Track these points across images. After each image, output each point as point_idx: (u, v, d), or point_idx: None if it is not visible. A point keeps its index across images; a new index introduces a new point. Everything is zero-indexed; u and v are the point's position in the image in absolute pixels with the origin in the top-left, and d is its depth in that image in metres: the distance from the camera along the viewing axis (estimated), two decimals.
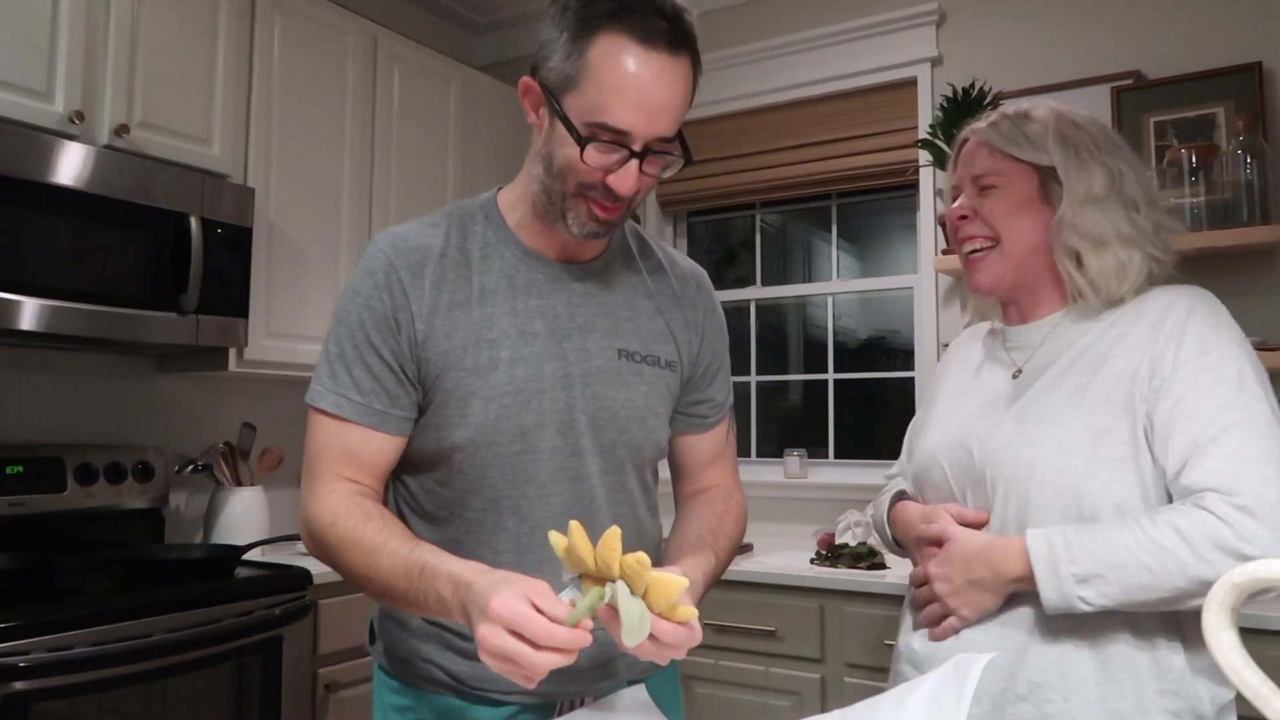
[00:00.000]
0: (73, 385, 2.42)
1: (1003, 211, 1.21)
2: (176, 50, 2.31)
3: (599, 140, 1.01)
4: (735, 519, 1.25)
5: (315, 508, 1.09)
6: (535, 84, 1.07)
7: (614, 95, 1.00)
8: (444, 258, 1.12)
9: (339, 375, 1.10)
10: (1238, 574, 0.56)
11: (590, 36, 1.01)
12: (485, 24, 3.69)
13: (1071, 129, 1.21)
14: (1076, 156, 1.19)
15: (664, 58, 1.01)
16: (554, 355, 1.12)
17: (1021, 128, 1.22)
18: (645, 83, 1.00)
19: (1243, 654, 0.57)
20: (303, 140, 2.61)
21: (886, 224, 3.23)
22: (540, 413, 1.11)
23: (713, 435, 1.30)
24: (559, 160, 1.05)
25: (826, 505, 2.93)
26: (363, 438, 1.10)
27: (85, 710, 1.79)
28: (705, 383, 1.28)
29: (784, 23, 3.16)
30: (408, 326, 1.09)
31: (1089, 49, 2.68)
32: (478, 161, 3.17)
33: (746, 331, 3.32)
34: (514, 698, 1.15)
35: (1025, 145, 1.21)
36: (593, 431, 1.14)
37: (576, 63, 1.01)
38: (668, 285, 1.26)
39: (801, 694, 2.34)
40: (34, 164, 1.96)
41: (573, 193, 1.06)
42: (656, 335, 1.21)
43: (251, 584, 2.11)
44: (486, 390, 1.09)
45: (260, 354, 2.47)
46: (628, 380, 1.17)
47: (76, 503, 2.26)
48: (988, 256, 1.23)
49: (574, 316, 1.15)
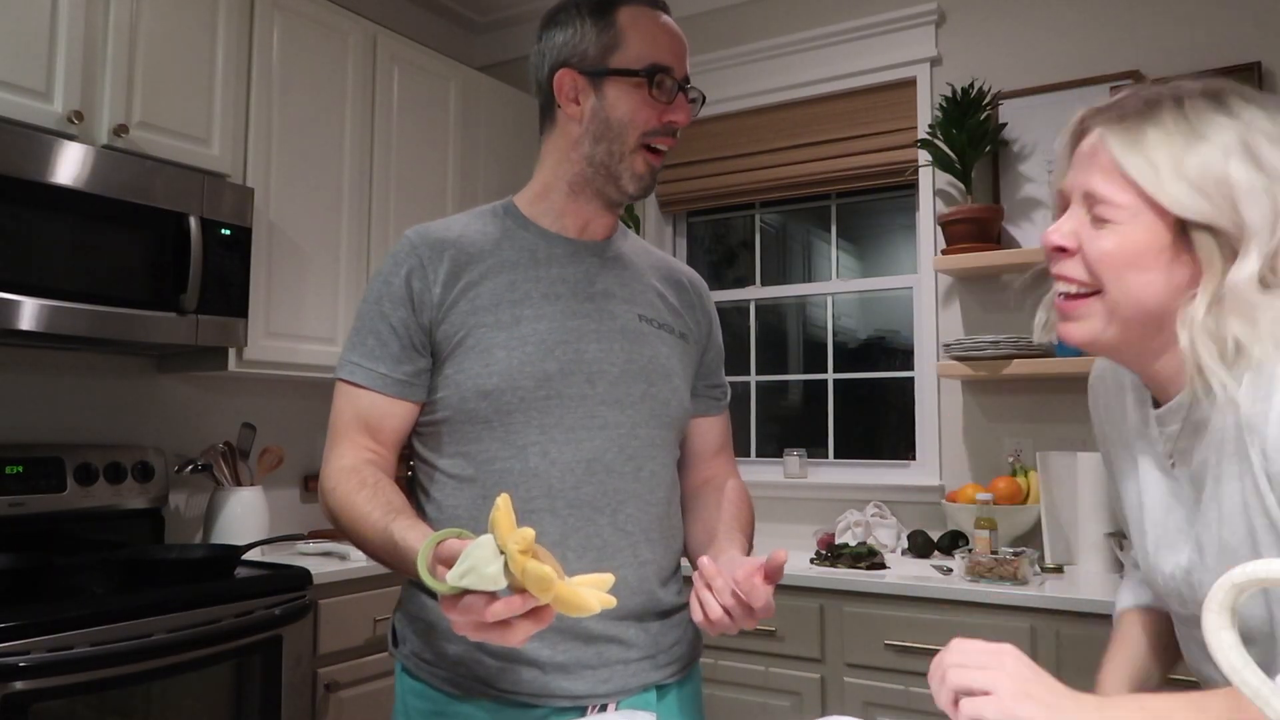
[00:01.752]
0: (73, 385, 2.42)
1: (1119, 260, 0.87)
2: (176, 50, 2.31)
3: (656, 78, 1.18)
4: (749, 504, 1.33)
5: (325, 475, 1.17)
6: (570, 71, 1.20)
7: (652, 42, 1.19)
8: (463, 238, 1.22)
9: (356, 346, 1.19)
10: (1237, 574, 0.56)
11: (613, 11, 1.19)
12: (485, 24, 3.69)
13: (1270, 152, 0.83)
14: (1274, 212, 0.82)
15: (668, 19, 1.23)
16: (578, 313, 1.20)
17: (1183, 152, 0.84)
18: (670, 32, 1.22)
19: (1243, 654, 0.57)
20: (302, 140, 2.61)
21: (886, 224, 3.23)
22: (564, 360, 1.17)
23: (720, 421, 1.39)
24: (618, 119, 1.18)
25: (826, 505, 2.93)
26: (372, 402, 1.17)
27: (85, 710, 1.79)
28: (713, 368, 1.38)
29: (784, 23, 3.16)
30: (425, 295, 1.17)
31: (1088, 49, 2.68)
32: (478, 161, 3.17)
33: (746, 331, 3.32)
34: (545, 700, 1.15)
35: (1177, 183, 0.84)
36: (622, 383, 1.20)
37: (611, 32, 1.18)
38: (673, 276, 1.35)
39: (801, 694, 2.34)
40: (33, 164, 1.96)
41: (632, 148, 1.19)
42: (668, 309, 1.30)
43: (251, 584, 2.11)
44: (510, 341, 1.16)
45: (260, 354, 2.47)
46: (650, 340, 1.24)
47: (76, 503, 2.26)
48: (1086, 305, 0.90)
49: (594, 282, 1.23)
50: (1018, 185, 2.74)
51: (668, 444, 1.26)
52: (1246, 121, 0.85)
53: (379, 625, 2.36)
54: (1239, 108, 0.86)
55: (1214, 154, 0.83)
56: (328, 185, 2.68)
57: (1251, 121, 0.84)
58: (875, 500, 2.83)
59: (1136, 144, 0.86)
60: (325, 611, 2.26)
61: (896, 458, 3.01)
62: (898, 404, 3.06)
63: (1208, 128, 0.85)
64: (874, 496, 2.86)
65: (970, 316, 2.81)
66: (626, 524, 1.19)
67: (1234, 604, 0.57)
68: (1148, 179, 0.85)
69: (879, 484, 2.89)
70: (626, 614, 1.18)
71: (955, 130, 2.62)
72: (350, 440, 1.17)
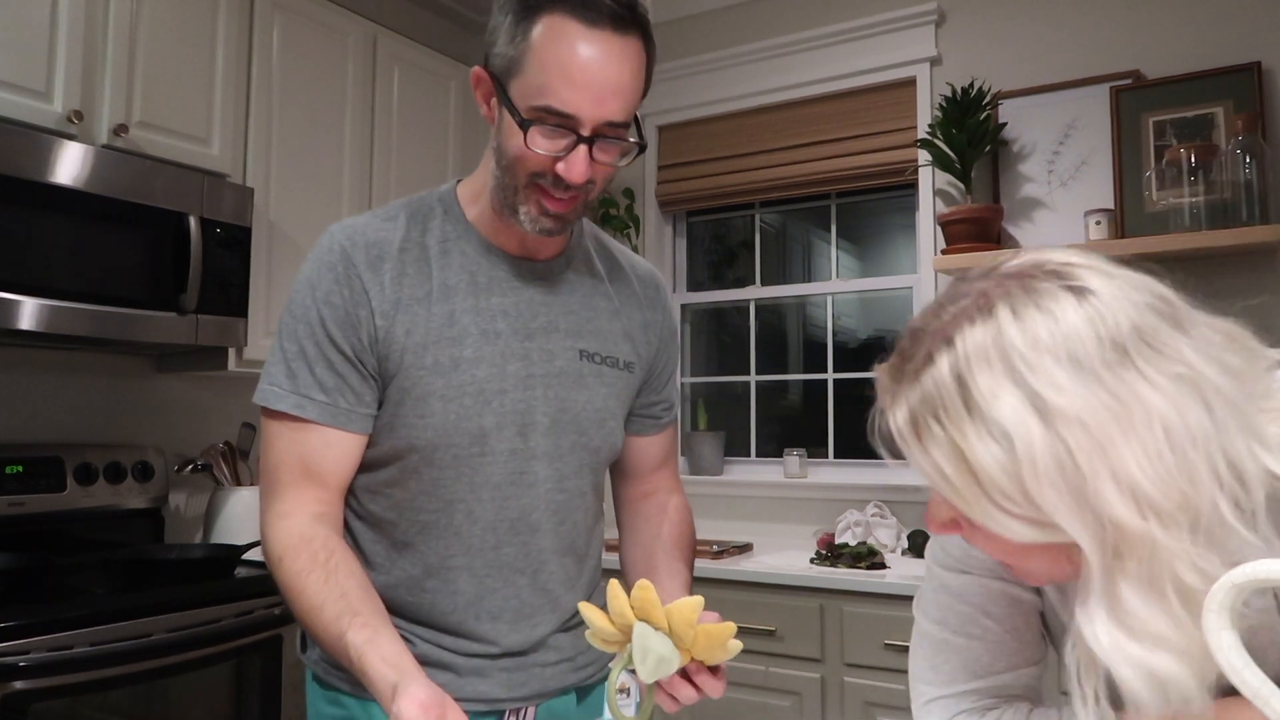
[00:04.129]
0: (72, 385, 2.41)
1: (1008, 555, 0.71)
2: (175, 50, 2.31)
3: (545, 124, 0.96)
4: (691, 526, 1.27)
5: (269, 534, 1.03)
6: (484, 72, 1.03)
7: (557, 76, 0.95)
8: (403, 252, 1.07)
9: (298, 374, 1.03)
10: (1237, 574, 0.56)
11: (533, 18, 0.96)
12: (485, 24, 3.68)
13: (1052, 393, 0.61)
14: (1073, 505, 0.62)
15: (609, 36, 0.96)
16: (517, 355, 1.09)
17: (970, 454, 0.63)
18: (590, 63, 0.95)
19: (1243, 654, 0.57)
20: (302, 140, 2.61)
21: (886, 224, 3.23)
22: (501, 414, 1.07)
23: (663, 437, 1.30)
24: (509, 151, 1.01)
25: (826, 505, 2.93)
26: (324, 440, 1.03)
27: (85, 710, 1.78)
28: (660, 384, 1.27)
29: (783, 23, 3.16)
30: (368, 322, 1.03)
31: (1088, 49, 2.68)
32: (477, 161, 3.14)
33: (746, 331, 3.32)
34: (461, 705, 1.11)
35: (987, 506, 0.64)
36: (553, 434, 1.11)
37: (520, 45, 0.97)
38: (627, 286, 1.23)
39: (801, 694, 2.34)
40: (33, 164, 1.96)
41: (524, 184, 1.01)
42: (616, 336, 1.19)
43: (251, 584, 2.11)
44: (447, 390, 1.05)
45: (260, 354, 2.47)
46: (588, 382, 1.14)
47: (76, 502, 2.26)
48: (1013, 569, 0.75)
49: (536, 315, 1.11)
50: (1018, 185, 2.74)
51: (595, 488, 1.20)
52: (1040, 392, 0.61)
53: None
54: (1029, 363, 0.62)
55: (1010, 460, 0.61)
56: (328, 185, 2.68)
57: (1048, 394, 0.61)
58: (875, 500, 2.83)
59: (922, 456, 0.67)
60: None
61: (896, 458, 3.00)
62: None
63: (995, 412, 0.62)
64: (874, 496, 2.86)
65: None
66: (548, 582, 1.13)
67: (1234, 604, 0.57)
68: (963, 508, 0.66)
69: (879, 484, 2.89)
70: (546, 634, 1.15)
71: (955, 130, 2.62)
72: (295, 491, 1.03)
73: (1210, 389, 0.63)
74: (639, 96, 1.01)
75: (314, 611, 0.97)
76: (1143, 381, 0.61)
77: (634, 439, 1.26)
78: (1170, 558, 0.61)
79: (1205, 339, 0.65)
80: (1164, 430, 0.61)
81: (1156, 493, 0.60)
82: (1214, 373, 0.63)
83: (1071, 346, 0.62)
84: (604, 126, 0.97)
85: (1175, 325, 0.64)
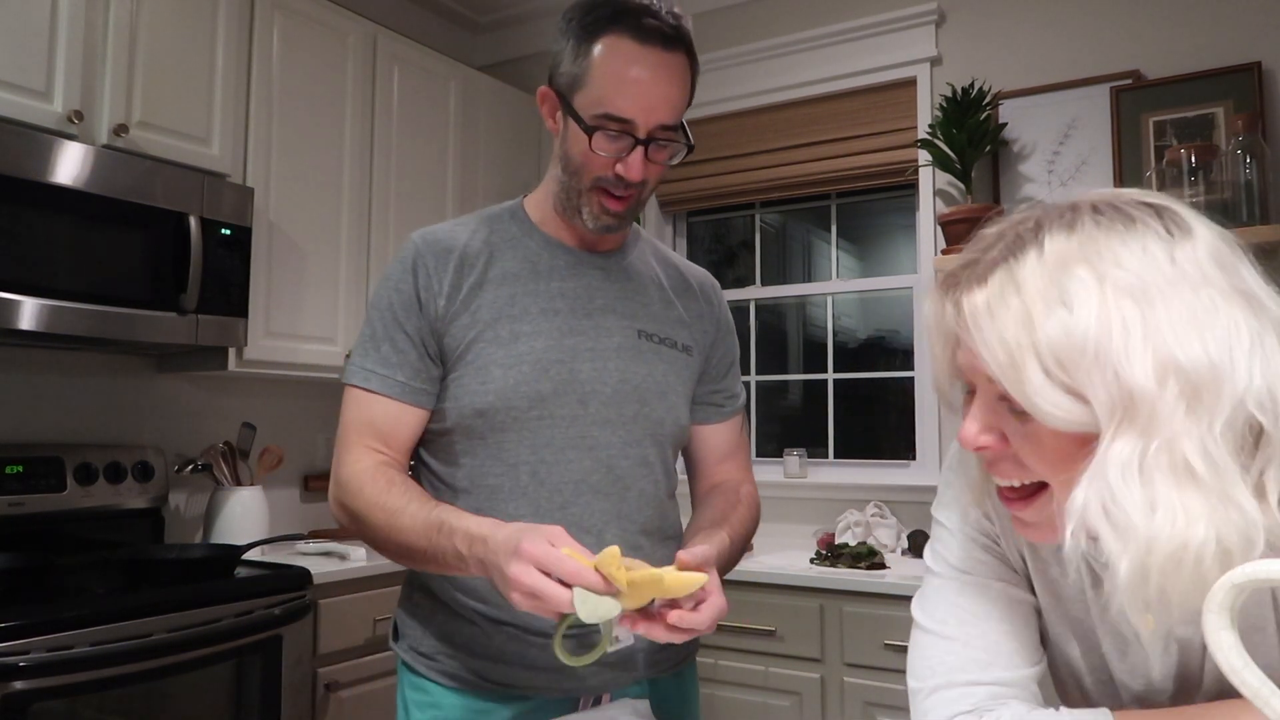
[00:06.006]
0: (73, 385, 2.41)
1: (1057, 455, 0.69)
2: (175, 50, 2.31)
3: (607, 130, 1.11)
4: (748, 505, 1.30)
5: (343, 475, 1.16)
6: (549, 90, 1.17)
7: (615, 88, 1.10)
8: (470, 247, 1.21)
9: (369, 353, 1.18)
10: (1237, 574, 0.56)
11: (593, 39, 1.11)
12: (485, 24, 3.69)
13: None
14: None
15: (659, 53, 1.11)
16: (575, 331, 1.19)
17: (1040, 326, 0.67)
18: (644, 76, 1.11)
19: (1243, 654, 0.57)
20: (302, 140, 2.61)
21: (886, 224, 3.23)
22: (558, 381, 1.17)
23: (728, 427, 1.36)
24: (574, 157, 1.15)
25: (826, 505, 2.93)
26: (386, 409, 1.17)
27: (85, 710, 1.79)
28: (720, 374, 1.35)
29: (784, 23, 3.16)
30: (431, 305, 1.17)
31: (1088, 49, 2.68)
32: (477, 161, 3.17)
33: (746, 331, 3.32)
34: (534, 692, 1.17)
35: (1043, 384, 0.67)
36: (615, 403, 1.19)
37: (582, 64, 1.12)
38: (682, 281, 1.33)
39: (801, 694, 2.34)
40: (33, 164, 1.96)
41: (588, 187, 1.16)
42: (673, 321, 1.28)
43: (251, 584, 2.11)
44: (506, 359, 1.16)
45: (260, 354, 2.47)
46: (648, 358, 1.23)
47: (76, 502, 2.26)
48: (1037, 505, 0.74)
49: (594, 298, 1.22)
50: (1018, 185, 2.74)
51: (662, 462, 1.25)
52: (1102, 271, 0.67)
53: (379, 625, 2.36)
54: (1099, 244, 0.68)
55: (1065, 322, 0.66)
56: (328, 185, 2.68)
57: (1108, 269, 0.66)
58: (875, 500, 2.83)
59: (992, 326, 0.69)
60: (325, 611, 2.26)
61: (896, 458, 3.01)
62: (898, 404, 3.06)
63: (1069, 283, 0.67)
64: (874, 496, 2.86)
65: None
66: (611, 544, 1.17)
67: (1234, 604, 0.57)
68: (1012, 383, 0.68)
69: (879, 484, 2.89)
70: None
71: (955, 130, 2.62)
72: (364, 445, 1.17)
73: (1266, 318, 0.66)
74: (686, 104, 1.17)
75: (397, 513, 1.08)
76: (1205, 283, 0.66)
77: (699, 427, 1.32)
78: (1183, 434, 0.63)
79: (1269, 292, 0.69)
80: (1216, 322, 0.64)
81: (1190, 365, 0.63)
82: (1275, 306, 0.67)
83: (1147, 243, 0.67)
84: (656, 130, 1.12)
85: (1246, 265, 0.69)
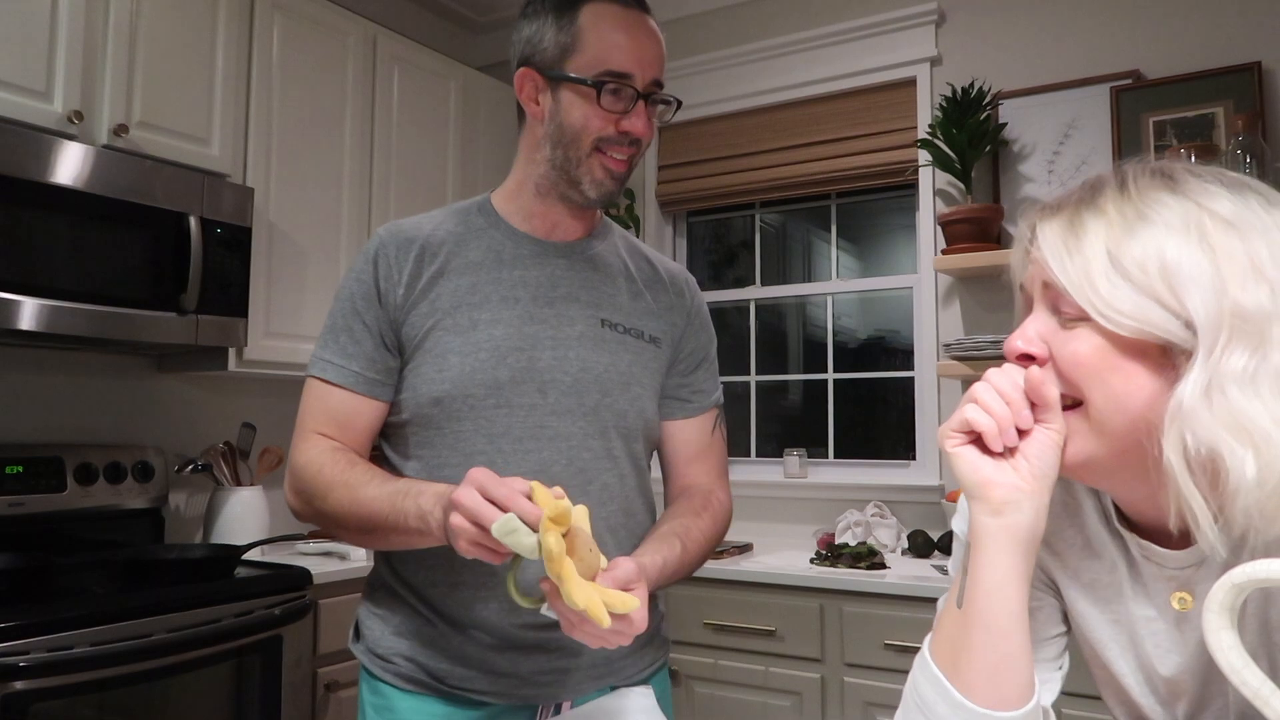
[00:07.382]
0: (73, 385, 2.41)
1: (1099, 364, 0.73)
2: (175, 50, 2.31)
3: (609, 86, 1.13)
4: (713, 516, 1.24)
5: (299, 461, 1.17)
6: (530, 70, 1.17)
7: (611, 46, 1.14)
8: (431, 237, 1.21)
9: (328, 344, 1.19)
10: (1237, 574, 0.56)
11: (575, 9, 1.15)
12: (485, 24, 3.69)
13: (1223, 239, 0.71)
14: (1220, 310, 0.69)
15: (639, 14, 1.17)
16: (536, 319, 1.18)
17: (1121, 241, 0.73)
18: (634, 33, 1.15)
19: (1243, 654, 0.57)
20: (302, 140, 2.61)
21: (886, 224, 3.23)
22: (516, 369, 1.15)
23: (697, 424, 1.30)
24: (571, 124, 1.15)
25: (826, 505, 2.93)
26: (342, 400, 1.17)
27: (85, 710, 1.78)
28: (689, 368, 1.30)
29: (784, 23, 3.16)
30: (390, 295, 1.17)
31: (1088, 49, 2.68)
32: (478, 161, 3.17)
33: (746, 331, 3.32)
34: (493, 699, 1.15)
35: (1113, 288, 0.71)
36: (575, 392, 1.17)
37: (570, 31, 1.14)
38: (653, 274, 1.31)
39: (801, 694, 2.34)
40: (33, 164, 1.96)
41: (587, 153, 1.16)
42: (640, 311, 1.25)
43: (251, 584, 2.11)
44: (464, 347, 1.15)
45: (260, 354, 2.47)
46: (611, 347, 1.20)
47: (76, 503, 2.26)
48: (1069, 424, 0.75)
49: (556, 286, 1.21)
50: (1018, 185, 2.74)
51: (628, 455, 1.21)
52: (1198, 200, 0.72)
53: None
54: (1191, 185, 0.74)
55: (1156, 238, 0.71)
56: (328, 185, 2.68)
57: (1204, 200, 0.72)
58: (875, 500, 2.83)
59: (1071, 240, 0.74)
60: (325, 611, 2.26)
61: (896, 458, 3.01)
62: (898, 404, 3.06)
63: (1153, 208, 0.73)
64: (874, 496, 2.86)
65: (970, 316, 2.81)
66: None
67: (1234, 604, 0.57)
68: (1079, 287, 0.73)
69: (879, 484, 2.89)
70: None
71: (955, 130, 2.62)
72: (319, 435, 1.18)
73: None
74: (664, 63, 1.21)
75: (360, 486, 1.09)
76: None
77: (667, 423, 1.29)
78: None
79: None
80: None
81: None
82: None
83: (1232, 188, 0.73)
84: (652, 85, 1.16)
85: None
